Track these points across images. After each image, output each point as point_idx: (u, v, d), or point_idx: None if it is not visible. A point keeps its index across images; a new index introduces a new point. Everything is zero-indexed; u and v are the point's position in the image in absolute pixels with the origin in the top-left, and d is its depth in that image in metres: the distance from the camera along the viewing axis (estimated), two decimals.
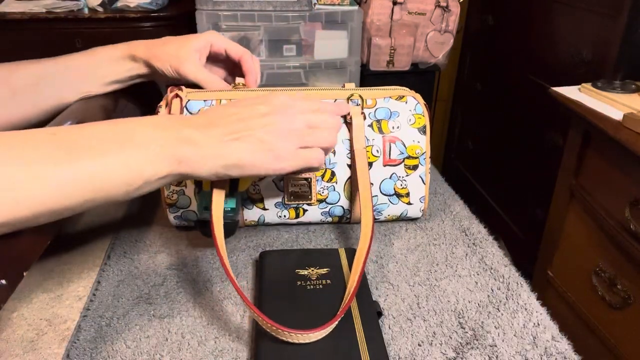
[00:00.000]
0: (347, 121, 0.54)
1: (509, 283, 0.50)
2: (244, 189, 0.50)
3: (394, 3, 1.45)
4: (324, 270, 0.48)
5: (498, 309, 0.46)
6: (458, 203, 0.65)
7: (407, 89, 0.58)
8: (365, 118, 0.54)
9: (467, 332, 0.44)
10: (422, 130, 0.56)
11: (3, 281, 0.36)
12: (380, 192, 0.56)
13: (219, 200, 0.46)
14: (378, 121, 0.55)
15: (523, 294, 0.48)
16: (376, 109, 0.55)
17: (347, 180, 0.55)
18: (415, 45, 1.53)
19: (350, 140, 0.54)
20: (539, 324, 0.45)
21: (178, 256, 0.54)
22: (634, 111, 0.84)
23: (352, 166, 0.54)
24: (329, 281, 0.47)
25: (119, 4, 1.63)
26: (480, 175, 1.85)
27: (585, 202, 0.98)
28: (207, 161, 0.41)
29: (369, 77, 1.57)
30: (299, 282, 0.46)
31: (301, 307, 0.44)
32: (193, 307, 0.47)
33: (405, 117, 0.55)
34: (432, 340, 0.43)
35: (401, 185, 0.56)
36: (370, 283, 0.49)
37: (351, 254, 0.51)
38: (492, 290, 0.49)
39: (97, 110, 0.59)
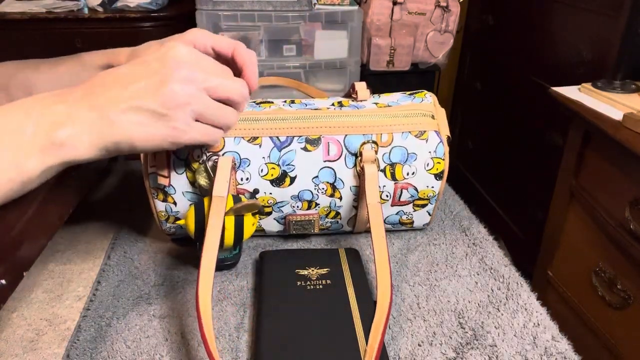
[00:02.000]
0: (358, 171, 0.50)
1: (509, 283, 0.50)
2: (248, 237, 0.49)
3: (394, 3, 1.45)
4: (324, 270, 0.48)
5: (498, 309, 0.46)
6: (458, 203, 0.64)
7: (429, 105, 0.52)
8: (379, 167, 0.50)
9: (467, 332, 0.44)
10: (439, 176, 0.51)
11: (3, 281, 0.36)
12: (385, 222, 0.55)
13: (207, 276, 0.42)
14: (392, 165, 0.50)
15: (523, 294, 0.48)
16: (392, 149, 0.50)
17: (351, 217, 0.54)
18: (415, 45, 1.53)
19: (362, 190, 0.50)
20: (539, 324, 0.44)
21: (178, 256, 0.54)
22: (634, 111, 0.84)
23: (358, 210, 0.52)
24: (329, 281, 0.47)
25: (119, 4, 1.63)
26: (480, 175, 1.85)
27: (585, 202, 0.98)
28: (92, 141, 0.35)
29: (369, 77, 1.57)
30: (299, 282, 0.46)
31: (301, 307, 0.44)
32: (193, 307, 0.47)
33: (423, 161, 0.50)
34: (432, 340, 0.43)
35: (407, 217, 0.55)
36: (370, 283, 0.49)
37: (351, 254, 0.51)
38: (492, 290, 0.49)
39: None
